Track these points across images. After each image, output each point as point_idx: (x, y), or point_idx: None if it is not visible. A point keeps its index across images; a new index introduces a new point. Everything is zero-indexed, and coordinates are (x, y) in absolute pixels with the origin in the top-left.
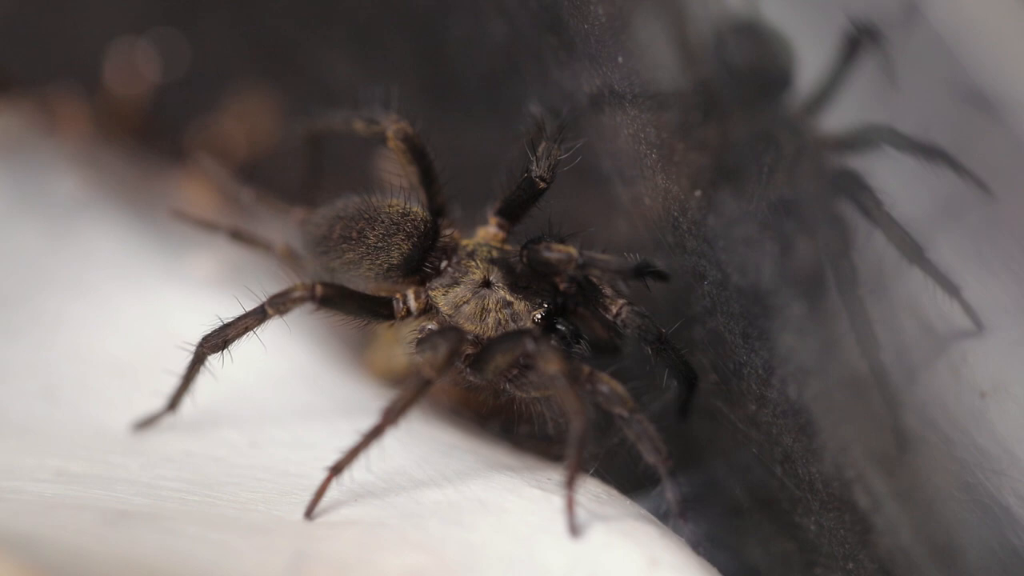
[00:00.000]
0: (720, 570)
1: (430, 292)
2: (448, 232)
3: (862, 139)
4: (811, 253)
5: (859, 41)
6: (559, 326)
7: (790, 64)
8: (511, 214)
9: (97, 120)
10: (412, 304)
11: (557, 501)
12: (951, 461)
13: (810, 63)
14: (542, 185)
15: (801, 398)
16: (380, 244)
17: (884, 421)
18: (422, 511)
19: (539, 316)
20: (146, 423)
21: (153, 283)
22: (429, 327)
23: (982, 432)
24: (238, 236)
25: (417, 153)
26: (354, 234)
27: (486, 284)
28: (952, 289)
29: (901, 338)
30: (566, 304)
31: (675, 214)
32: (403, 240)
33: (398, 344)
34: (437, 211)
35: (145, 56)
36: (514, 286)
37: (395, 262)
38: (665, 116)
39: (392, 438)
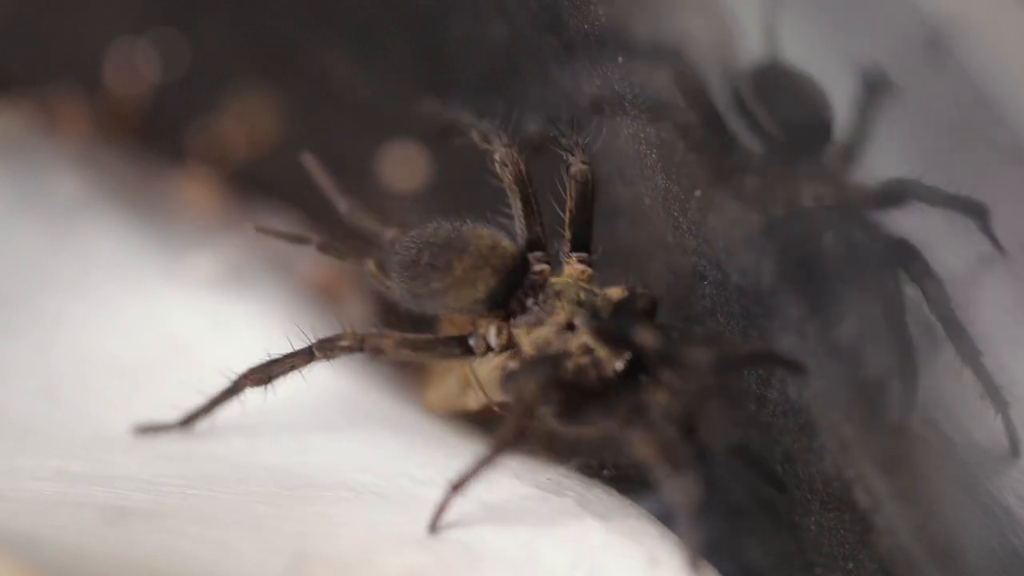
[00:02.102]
0: (720, 571)
1: (513, 329)
2: (538, 268)
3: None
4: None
5: (884, 86)
6: (640, 377)
7: (827, 114)
8: (582, 241)
9: (97, 120)
10: (493, 340)
11: (557, 501)
12: (951, 461)
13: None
14: (586, 172)
15: (801, 398)
16: (467, 277)
17: (884, 421)
18: (423, 511)
19: (621, 366)
20: (150, 430)
21: (153, 283)
22: (511, 365)
23: (982, 432)
24: (328, 249)
25: (520, 182)
26: (441, 264)
27: (570, 327)
28: (1001, 405)
29: (902, 338)
30: (646, 357)
31: (675, 214)
32: (490, 275)
33: (460, 379)
34: (531, 244)
35: (145, 56)
36: (598, 331)
37: (480, 296)
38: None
39: (392, 438)
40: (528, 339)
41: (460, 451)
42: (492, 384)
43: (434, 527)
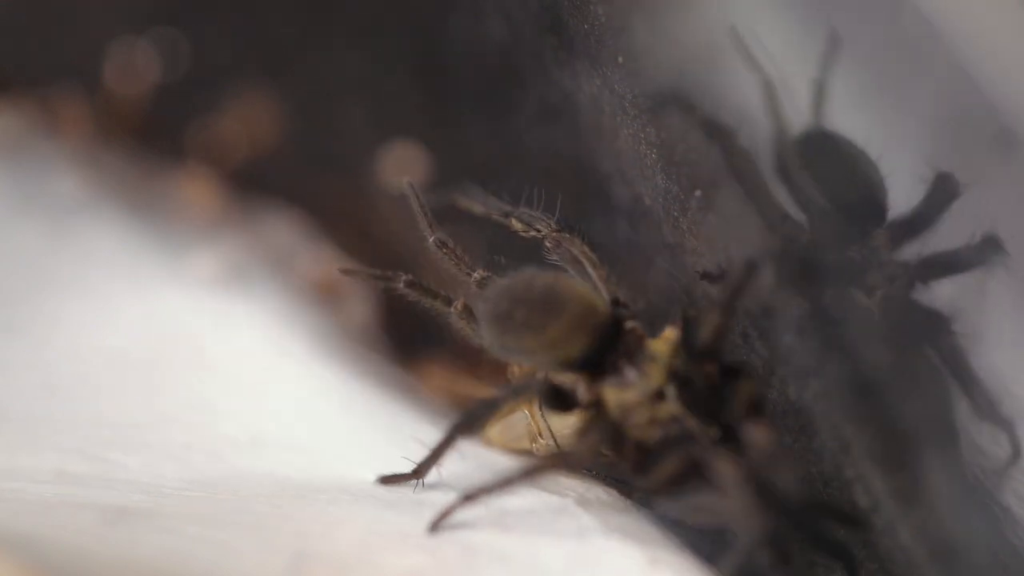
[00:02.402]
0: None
1: (602, 388)
2: (631, 328)
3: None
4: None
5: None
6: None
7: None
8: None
9: (97, 120)
10: (581, 395)
11: (557, 501)
12: (951, 461)
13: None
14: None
15: (801, 398)
16: (560, 338)
17: (884, 421)
18: (422, 511)
19: (709, 439)
20: (389, 480)
21: (153, 283)
22: (593, 423)
23: (982, 432)
24: (414, 287)
25: (584, 255)
26: (535, 324)
27: (660, 394)
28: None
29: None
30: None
31: (675, 214)
32: (584, 337)
33: (528, 424)
34: (615, 302)
35: (145, 56)
36: (689, 402)
37: (573, 358)
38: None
39: (389, 439)
40: (615, 400)
41: (461, 451)
42: (567, 436)
43: (435, 528)
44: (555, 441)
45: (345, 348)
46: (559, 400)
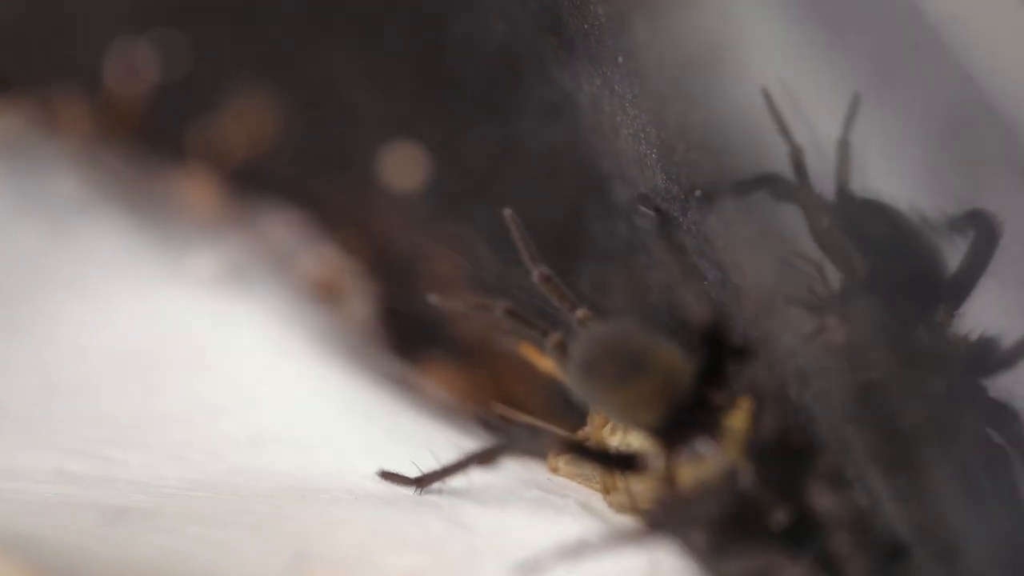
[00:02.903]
0: None
1: (677, 459)
2: (714, 402)
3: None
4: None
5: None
6: (797, 534)
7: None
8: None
9: (97, 120)
10: (657, 463)
11: (558, 502)
12: (949, 461)
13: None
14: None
15: (801, 398)
16: (645, 400)
17: (884, 421)
18: (422, 511)
19: (782, 520)
20: (389, 478)
21: (153, 283)
22: (665, 492)
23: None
24: (513, 315)
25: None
26: (623, 380)
27: (733, 472)
28: None
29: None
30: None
31: (675, 214)
32: (662, 407)
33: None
34: (710, 377)
35: (145, 56)
36: (760, 482)
37: (652, 423)
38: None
39: (389, 438)
40: (688, 473)
41: (459, 451)
42: (636, 496)
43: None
44: (629, 500)
45: (345, 348)
46: (626, 462)
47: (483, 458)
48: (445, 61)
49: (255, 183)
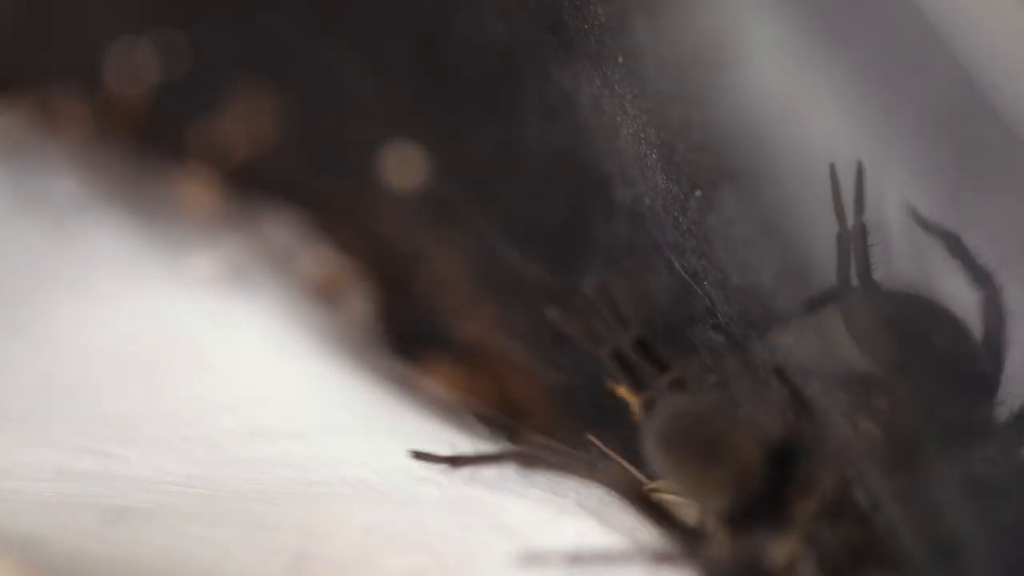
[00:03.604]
0: None
1: (739, 547)
2: (786, 494)
3: None
4: None
5: None
6: None
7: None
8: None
9: (97, 120)
10: (717, 542)
11: (557, 501)
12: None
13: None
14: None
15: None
16: (709, 484)
17: (881, 420)
18: (422, 510)
19: None
20: (422, 457)
21: (153, 283)
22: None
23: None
24: (617, 359)
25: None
26: (695, 459)
27: (792, 564)
28: None
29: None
30: None
31: (675, 214)
32: (733, 492)
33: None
34: (785, 473)
35: (145, 56)
36: (824, 570)
37: (717, 508)
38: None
39: (389, 437)
40: (746, 561)
41: (462, 449)
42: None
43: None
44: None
45: (345, 347)
46: (686, 534)
47: (522, 459)
48: (445, 61)
49: (255, 183)
